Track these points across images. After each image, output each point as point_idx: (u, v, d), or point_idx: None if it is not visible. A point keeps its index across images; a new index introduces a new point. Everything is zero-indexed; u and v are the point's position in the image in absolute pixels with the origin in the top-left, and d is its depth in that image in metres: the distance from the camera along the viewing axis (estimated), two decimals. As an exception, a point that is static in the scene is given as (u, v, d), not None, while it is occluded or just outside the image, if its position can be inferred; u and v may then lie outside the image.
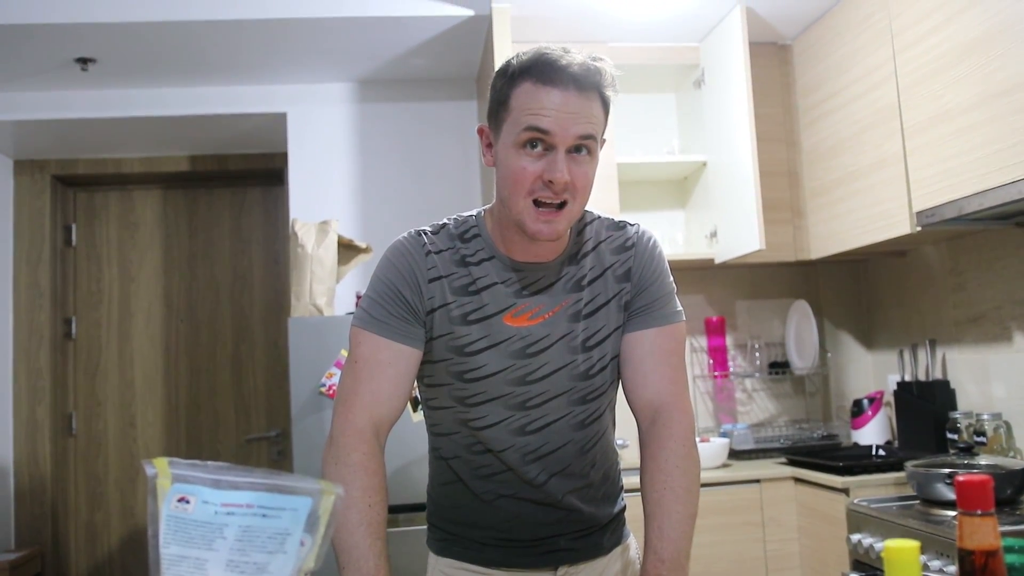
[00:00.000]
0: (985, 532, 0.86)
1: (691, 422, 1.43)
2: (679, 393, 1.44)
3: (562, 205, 1.30)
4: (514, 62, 1.32)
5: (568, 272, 1.42)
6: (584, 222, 1.47)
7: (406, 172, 3.77)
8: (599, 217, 1.50)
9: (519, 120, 1.28)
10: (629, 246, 1.46)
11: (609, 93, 1.32)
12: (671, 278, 1.50)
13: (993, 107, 2.30)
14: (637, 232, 1.49)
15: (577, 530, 1.46)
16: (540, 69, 1.27)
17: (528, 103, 1.27)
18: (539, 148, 1.27)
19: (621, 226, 1.49)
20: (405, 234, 1.44)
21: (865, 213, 2.94)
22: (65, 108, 3.66)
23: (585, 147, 1.29)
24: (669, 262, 1.53)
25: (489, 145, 1.37)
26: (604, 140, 1.36)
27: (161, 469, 0.85)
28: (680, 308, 1.49)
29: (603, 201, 3.12)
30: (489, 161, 1.38)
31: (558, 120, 1.25)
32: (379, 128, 3.79)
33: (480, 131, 1.39)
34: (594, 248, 1.45)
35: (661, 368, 1.43)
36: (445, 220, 1.46)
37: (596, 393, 1.44)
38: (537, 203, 1.29)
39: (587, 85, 1.27)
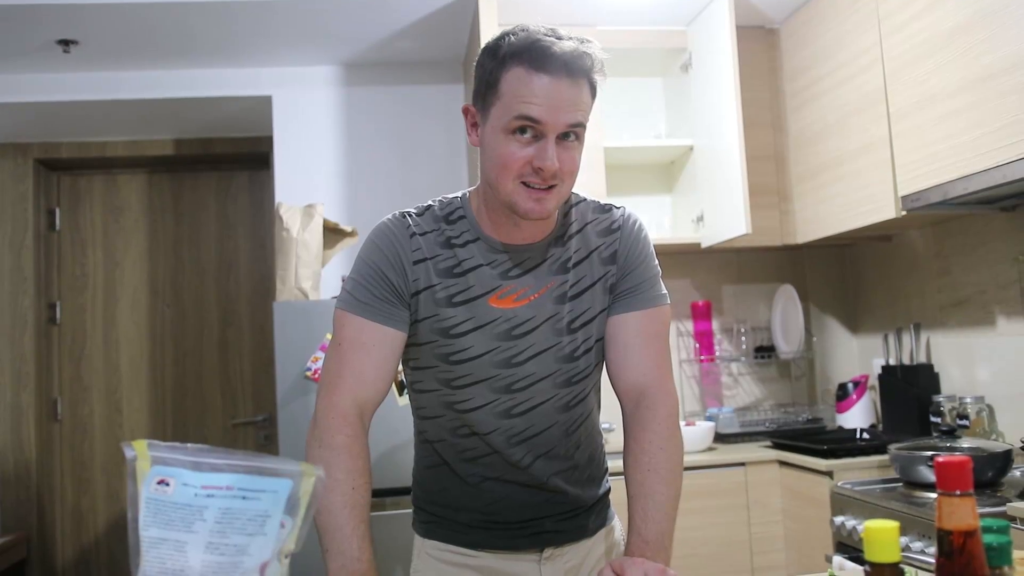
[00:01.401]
0: (964, 512, 0.87)
1: (675, 404, 1.44)
2: (663, 376, 1.44)
3: (551, 187, 1.30)
4: (504, 44, 1.30)
5: (554, 254, 1.42)
6: (570, 204, 1.47)
7: (392, 155, 3.76)
8: (585, 199, 1.49)
9: (510, 106, 1.27)
10: (615, 228, 1.47)
11: (597, 78, 1.32)
12: (656, 261, 1.50)
13: (978, 91, 2.30)
14: (623, 215, 1.49)
15: (562, 512, 1.47)
16: (532, 55, 1.26)
17: (519, 90, 1.26)
18: (528, 135, 1.27)
19: (607, 208, 1.49)
20: (390, 216, 1.43)
21: (851, 197, 2.94)
22: (47, 91, 3.62)
23: (573, 133, 1.29)
24: (655, 246, 1.53)
25: (474, 125, 1.36)
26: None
27: (140, 451, 0.85)
28: (665, 291, 1.49)
29: (590, 185, 3.12)
30: (474, 141, 1.37)
31: (549, 108, 1.25)
32: (365, 111, 3.77)
33: (465, 110, 1.38)
34: (580, 230, 1.45)
35: (645, 351, 1.43)
36: (430, 202, 1.45)
37: (581, 375, 1.44)
38: (526, 184, 1.29)
39: (577, 72, 1.27)
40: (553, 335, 1.40)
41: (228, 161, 4.35)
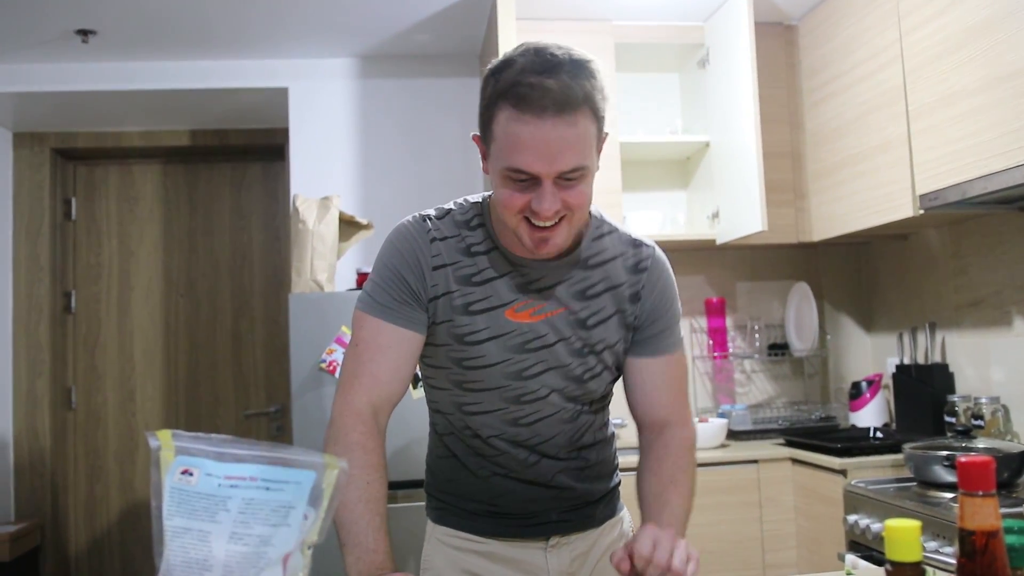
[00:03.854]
0: (987, 513, 0.86)
1: (695, 436, 1.50)
2: (686, 412, 1.50)
3: (558, 222, 1.27)
4: (492, 80, 1.24)
5: (573, 276, 1.40)
6: (602, 232, 1.45)
7: (408, 148, 3.76)
8: (617, 230, 1.48)
9: (501, 153, 1.23)
10: (642, 268, 1.45)
11: (599, 101, 1.24)
12: (679, 304, 1.51)
13: (998, 90, 2.28)
14: (652, 255, 1.47)
15: (569, 506, 1.50)
16: (517, 96, 1.18)
17: (507, 137, 1.21)
18: (524, 180, 1.23)
19: (637, 244, 1.47)
20: (409, 218, 1.43)
21: (868, 196, 2.93)
22: (65, 80, 3.64)
23: (574, 175, 1.23)
24: (670, 242, 1.56)
25: (484, 154, 1.32)
26: (607, 134, 1.30)
27: (164, 441, 0.85)
28: (682, 335, 1.52)
29: (605, 180, 3.11)
30: (485, 169, 1.33)
31: (540, 157, 1.19)
32: (381, 104, 3.77)
33: (475, 139, 1.34)
34: (606, 262, 1.43)
35: (670, 392, 1.48)
36: (450, 205, 1.44)
37: (591, 395, 1.46)
38: (530, 222, 1.27)
39: (569, 107, 1.18)
40: (567, 355, 1.41)
41: (243, 152, 4.35)
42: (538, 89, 1.17)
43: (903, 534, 0.87)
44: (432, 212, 1.43)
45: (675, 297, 1.49)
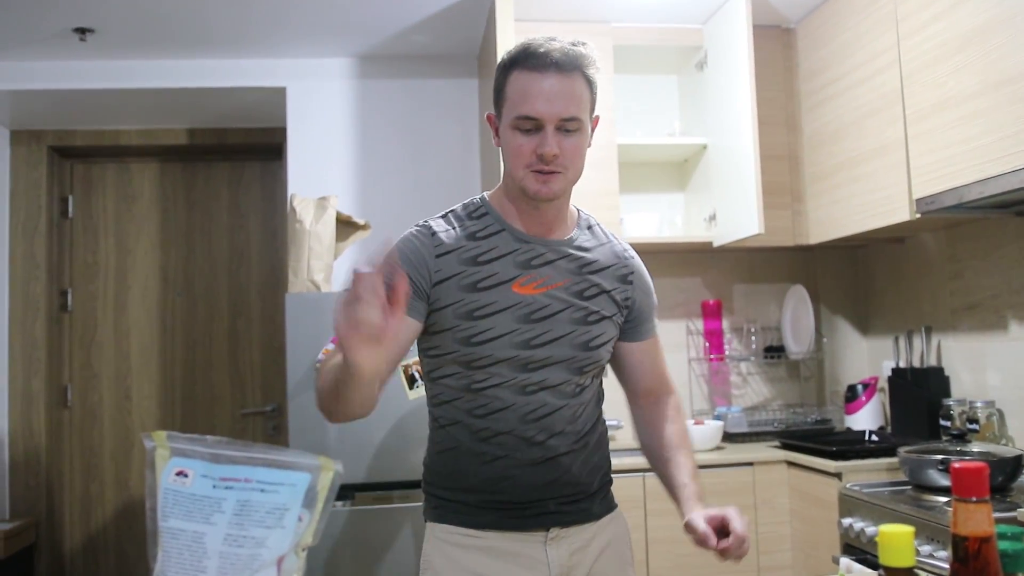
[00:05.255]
0: (980, 519, 0.87)
1: (680, 398, 1.76)
2: (671, 381, 1.76)
3: (556, 172, 1.48)
4: (507, 58, 1.52)
5: (571, 255, 1.58)
6: (590, 224, 1.67)
7: (405, 149, 3.76)
8: (599, 225, 1.70)
9: (512, 107, 1.48)
10: (626, 257, 1.67)
11: (592, 72, 1.50)
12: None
13: (995, 95, 2.29)
14: (630, 250, 1.70)
15: (567, 495, 1.56)
16: (526, 58, 1.47)
17: (518, 90, 1.47)
18: (531, 128, 1.46)
19: (615, 238, 1.71)
20: (412, 227, 1.57)
21: (865, 199, 2.94)
22: (63, 78, 3.63)
23: (572, 124, 1.47)
24: (667, 244, 1.73)
25: (496, 129, 1.55)
26: (597, 116, 1.55)
27: (159, 442, 0.85)
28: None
29: (603, 182, 3.11)
30: (497, 142, 1.56)
31: (544, 104, 1.44)
32: (379, 105, 3.77)
33: (488, 118, 1.57)
34: (597, 246, 1.63)
35: (658, 369, 1.73)
36: (451, 207, 1.61)
37: (593, 365, 1.58)
38: (534, 172, 1.48)
39: (568, 67, 1.46)
40: (570, 324, 1.54)
41: (241, 151, 4.35)
42: (542, 51, 1.46)
43: (896, 540, 0.88)
44: (431, 217, 1.59)
45: (653, 288, 1.72)
